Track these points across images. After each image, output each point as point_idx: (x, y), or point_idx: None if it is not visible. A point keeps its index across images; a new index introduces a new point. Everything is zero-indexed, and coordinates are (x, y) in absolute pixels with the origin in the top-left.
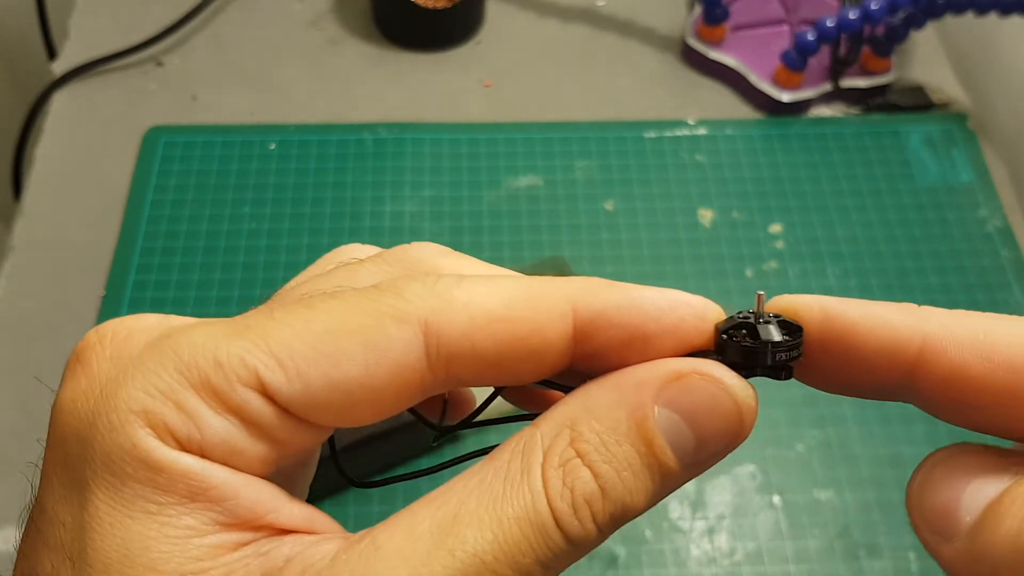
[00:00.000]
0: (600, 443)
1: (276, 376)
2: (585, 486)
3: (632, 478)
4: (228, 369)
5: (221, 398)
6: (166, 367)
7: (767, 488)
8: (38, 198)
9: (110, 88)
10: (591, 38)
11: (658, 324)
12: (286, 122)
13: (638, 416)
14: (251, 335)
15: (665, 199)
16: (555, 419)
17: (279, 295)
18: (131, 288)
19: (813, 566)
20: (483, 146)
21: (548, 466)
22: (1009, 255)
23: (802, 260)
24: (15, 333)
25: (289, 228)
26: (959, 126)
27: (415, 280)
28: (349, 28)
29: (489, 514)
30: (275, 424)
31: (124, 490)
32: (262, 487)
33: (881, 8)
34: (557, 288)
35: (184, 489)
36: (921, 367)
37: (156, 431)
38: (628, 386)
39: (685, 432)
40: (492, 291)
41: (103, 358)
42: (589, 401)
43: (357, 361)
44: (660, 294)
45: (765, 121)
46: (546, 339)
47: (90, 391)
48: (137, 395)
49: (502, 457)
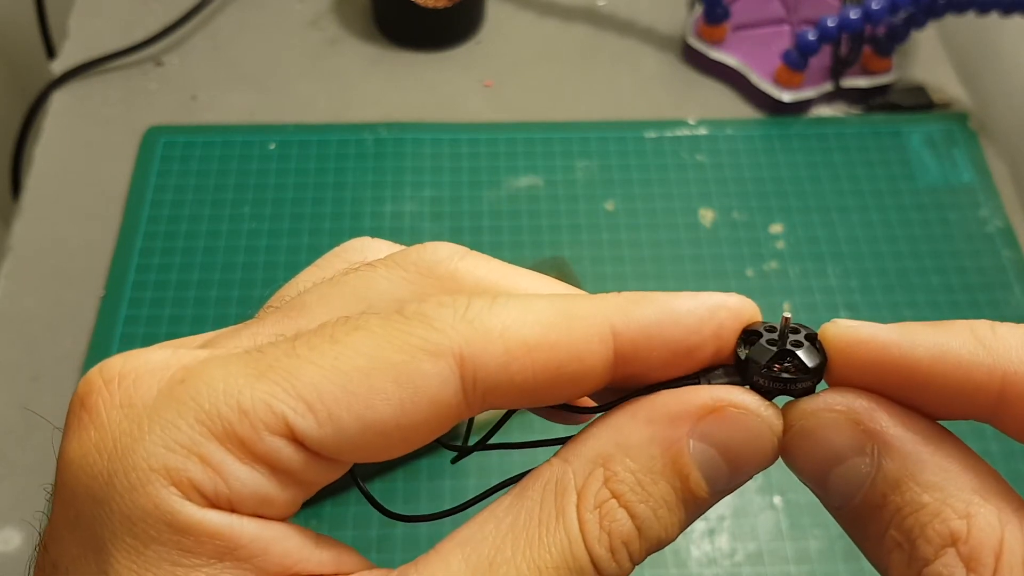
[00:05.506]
0: (636, 483)
1: (306, 422)
2: (622, 528)
3: (667, 514)
4: (254, 417)
5: (248, 448)
6: (186, 418)
7: (768, 489)
8: (37, 198)
9: (109, 88)
10: (591, 38)
11: (699, 336)
12: (286, 122)
13: (673, 452)
14: (275, 376)
15: (666, 199)
16: (587, 456)
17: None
18: (131, 288)
19: (814, 567)
20: (483, 146)
21: (583, 508)
22: (1010, 255)
23: (803, 260)
24: (15, 333)
25: (289, 228)
26: (960, 126)
27: (444, 307)
28: (349, 28)
29: (527, 563)
30: (304, 468)
31: (147, 553)
32: (291, 537)
33: (882, 8)
34: (595, 309)
35: (212, 550)
36: (1003, 407)
37: (181, 488)
38: (662, 421)
39: (719, 463)
40: (526, 316)
41: (112, 407)
42: (622, 437)
43: (391, 400)
44: (698, 302)
45: (766, 121)
46: (587, 366)
47: (102, 445)
48: (157, 451)
49: (533, 497)
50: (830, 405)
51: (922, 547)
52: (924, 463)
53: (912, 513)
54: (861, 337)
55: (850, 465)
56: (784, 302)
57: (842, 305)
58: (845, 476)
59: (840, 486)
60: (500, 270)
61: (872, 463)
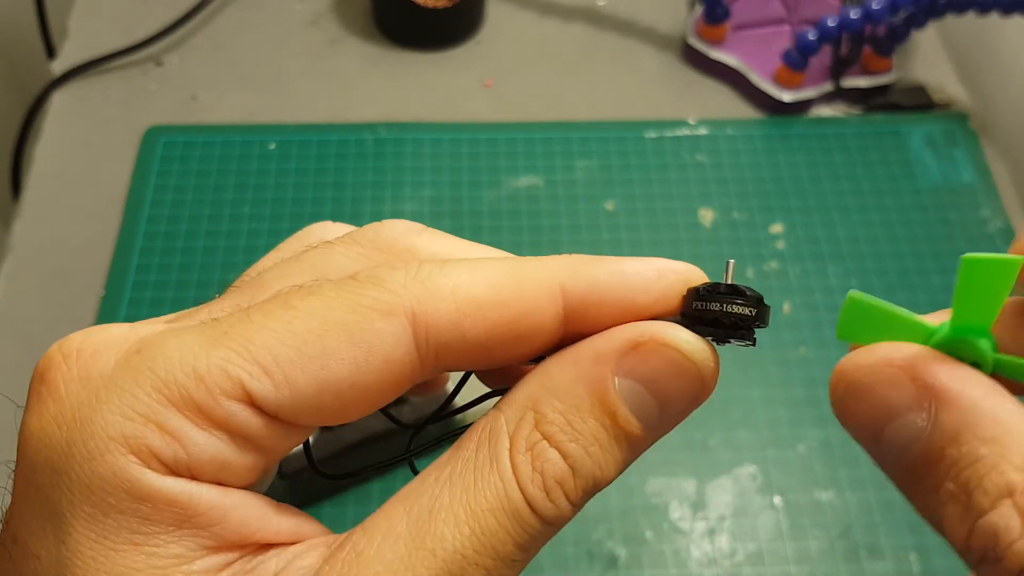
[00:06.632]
0: (565, 423)
1: (263, 385)
2: (555, 468)
3: (600, 452)
4: (211, 382)
5: (206, 414)
6: (143, 386)
7: (768, 489)
8: (37, 198)
9: (109, 88)
10: (591, 38)
11: (647, 295)
12: (286, 122)
13: (599, 390)
14: (230, 342)
15: (666, 199)
16: (517, 402)
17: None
18: (130, 288)
19: (814, 567)
20: (483, 146)
21: (516, 452)
22: None
23: (803, 260)
24: (15, 333)
25: (289, 228)
26: (960, 126)
27: (396, 269)
28: (349, 28)
29: (464, 508)
30: (263, 433)
31: (106, 522)
32: (250, 505)
33: (882, 8)
34: (544, 269)
35: (171, 517)
36: None
37: (139, 456)
38: (586, 360)
39: (647, 399)
40: (477, 276)
41: (71, 379)
42: (549, 380)
43: (346, 360)
44: (647, 265)
45: (766, 121)
46: (536, 322)
47: (61, 418)
48: (115, 420)
49: (469, 446)
50: (888, 360)
51: (979, 498)
52: (982, 416)
53: (970, 465)
54: None
55: (907, 420)
56: (785, 301)
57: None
58: (901, 431)
59: (896, 441)
60: (457, 244)
61: (929, 417)
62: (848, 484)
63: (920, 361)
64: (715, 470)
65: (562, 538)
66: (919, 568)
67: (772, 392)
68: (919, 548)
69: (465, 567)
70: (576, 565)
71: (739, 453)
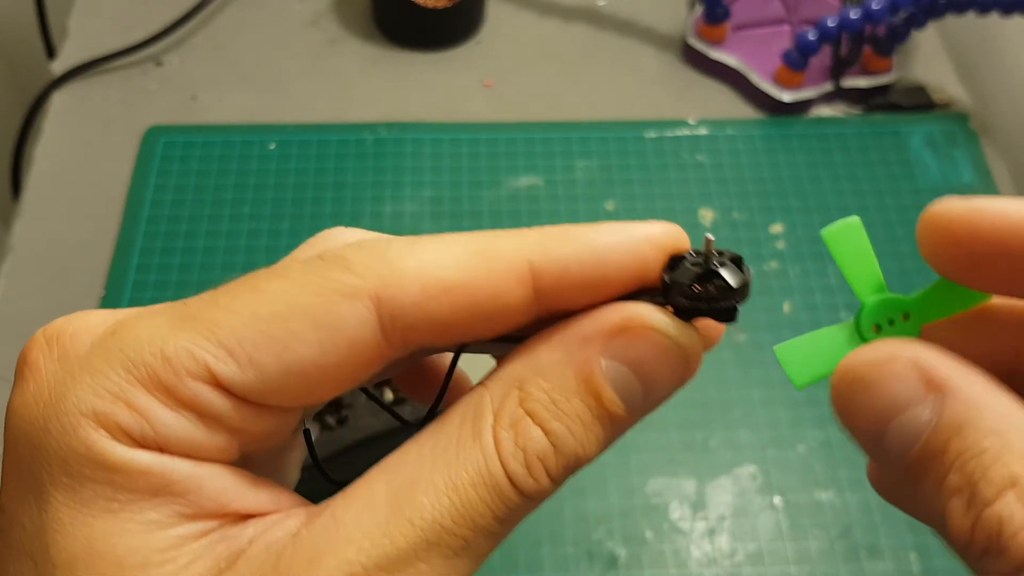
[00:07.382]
0: (549, 401)
1: (227, 367)
2: (537, 444)
3: (583, 431)
4: (177, 364)
5: (172, 394)
6: (113, 366)
7: (768, 489)
8: (37, 198)
9: (109, 88)
10: (591, 38)
11: (623, 271)
12: (286, 122)
13: (585, 371)
14: (196, 325)
15: (666, 199)
16: (503, 379)
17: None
18: (130, 288)
19: (814, 567)
20: (483, 146)
21: (499, 427)
22: None
23: (803, 260)
24: (15, 333)
25: (289, 228)
26: (961, 126)
27: (363, 249)
28: (349, 28)
29: (444, 480)
30: (232, 414)
31: (83, 491)
32: (227, 476)
33: (882, 8)
34: (513, 248)
35: (145, 486)
36: None
37: (109, 431)
38: (574, 341)
39: (632, 381)
40: (443, 256)
41: (50, 360)
42: (535, 359)
43: (310, 342)
44: (620, 236)
45: (766, 121)
46: (504, 304)
47: (39, 395)
48: (86, 397)
49: (453, 421)
50: (894, 355)
51: (983, 490)
52: (985, 408)
53: (974, 457)
54: (979, 207)
55: (913, 413)
56: (785, 301)
57: (842, 305)
58: (907, 425)
59: (901, 435)
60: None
61: (934, 411)
62: (848, 484)
63: (924, 355)
64: (715, 470)
65: (562, 538)
66: (919, 568)
67: (772, 392)
68: (919, 548)
69: (443, 536)
70: (576, 565)
71: (739, 453)
